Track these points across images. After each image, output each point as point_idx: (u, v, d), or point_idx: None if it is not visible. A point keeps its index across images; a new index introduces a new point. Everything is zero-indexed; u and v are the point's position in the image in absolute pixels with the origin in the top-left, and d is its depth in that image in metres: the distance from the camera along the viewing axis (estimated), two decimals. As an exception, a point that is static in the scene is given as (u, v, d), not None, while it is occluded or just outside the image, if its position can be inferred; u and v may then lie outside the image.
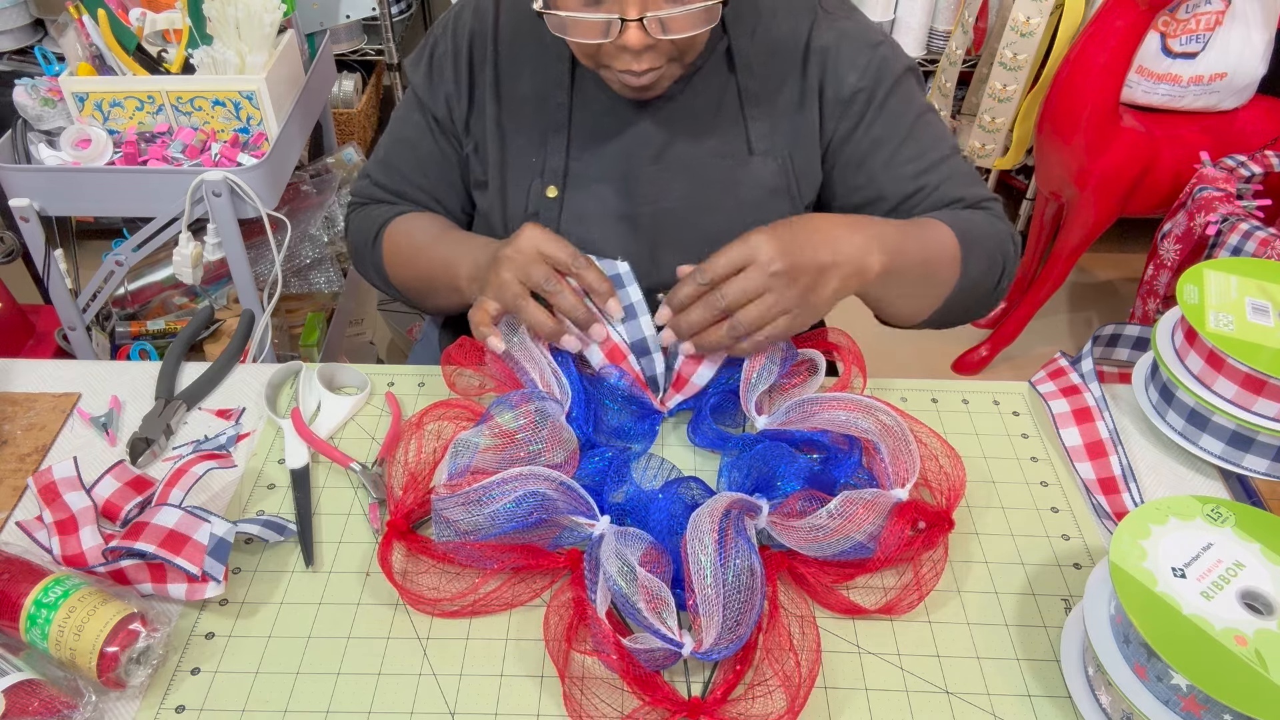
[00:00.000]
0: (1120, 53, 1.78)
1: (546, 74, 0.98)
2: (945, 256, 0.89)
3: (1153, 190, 1.95)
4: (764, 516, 0.74)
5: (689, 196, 0.97)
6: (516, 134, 0.99)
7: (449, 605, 0.73)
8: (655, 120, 0.97)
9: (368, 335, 1.97)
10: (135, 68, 1.42)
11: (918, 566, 0.75)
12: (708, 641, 0.66)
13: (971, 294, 0.93)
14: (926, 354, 2.32)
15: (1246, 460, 0.84)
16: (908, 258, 0.85)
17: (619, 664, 0.65)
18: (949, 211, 0.95)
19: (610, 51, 0.85)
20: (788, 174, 0.98)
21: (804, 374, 0.91)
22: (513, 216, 0.99)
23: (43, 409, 0.91)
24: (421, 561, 0.77)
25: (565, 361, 0.85)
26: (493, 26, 1.00)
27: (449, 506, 0.72)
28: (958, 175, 0.98)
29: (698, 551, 0.68)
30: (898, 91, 0.97)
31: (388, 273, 1.03)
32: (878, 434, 0.79)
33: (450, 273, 0.94)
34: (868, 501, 0.73)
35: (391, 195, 1.06)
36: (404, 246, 1.00)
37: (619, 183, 0.98)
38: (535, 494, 0.72)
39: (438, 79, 1.01)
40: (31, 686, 0.63)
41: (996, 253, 0.94)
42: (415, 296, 1.04)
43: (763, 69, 0.97)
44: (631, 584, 0.67)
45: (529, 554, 0.74)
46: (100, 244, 1.95)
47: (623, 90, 0.91)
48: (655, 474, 0.83)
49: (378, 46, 2.31)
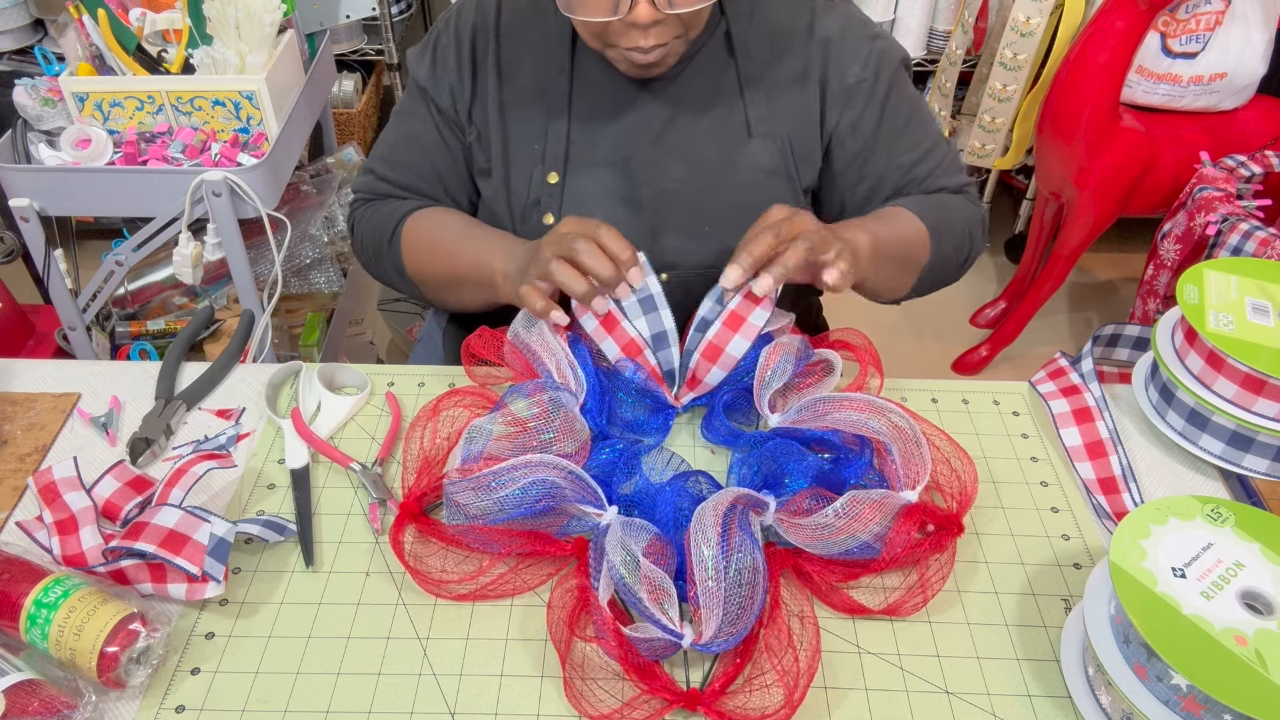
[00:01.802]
0: (1120, 53, 1.78)
1: (547, 62, 1.00)
2: (919, 241, 0.97)
3: (1153, 190, 1.95)
4: (770, 513, 0.75)
5: (688, 178, 0.99)
6: (518, 122, 1.00)
7: (456, 588, 0.74)
8: (654, 103, 0.99)
9: (368, 335, 1.97)
10: (135, 68, 1.42)
11: (924, 569, 0.75)
12: (707, 634, 0.66)
13: (941, 270, 1.03)
14: (926, 354, 2.32)
15: (1246, 460, 0.84)
16: (889, 246, 0.93)
17: (618, 651, 0.66)
18: (932, 198, 1.03)
19: (618, 29, 0.87)
20: (786, 156, 1.00)
21: (819, 374, 0.91)
22: (515, 203, 1.01)
23: (43, 409, 0.91)
24: (430, 545, 0.77)
25: (582, 354, 0.86)
26: (494, 18, 1.02)
27: (460, 490, 0.73)
28: (944, 164, 1.05)
29: (700, 544, 0.69)
30: (896, 84, 1.01)
31: (408, 270, 1.03)
32: (889, 435, 0.79)
33: (483, 269, 0.94)
34: (875, 502, 0.73)
35: (398, 189, 1.06)
36: (427, 243, 1.00)
37: (619, 165, 0.99)
38: (544, 481, 0.73)
39: (441, 70, 1.02)
40: (31, 686, 0.63)
41: (964, 235, 1.03)
42: (437, 292, 1.03)
43: (761, 52, 1.00)
44: (634, 574, 0.68)
45: (536, 540, 0.75)
46: (100, 244, 1.95)
47: (628, 69, 0.93)
48: (665, 467, 0.84)
49: (378, 46, 2.31)
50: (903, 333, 2.36)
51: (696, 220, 0.99)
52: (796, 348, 0.87)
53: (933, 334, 2.37)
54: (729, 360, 0.86)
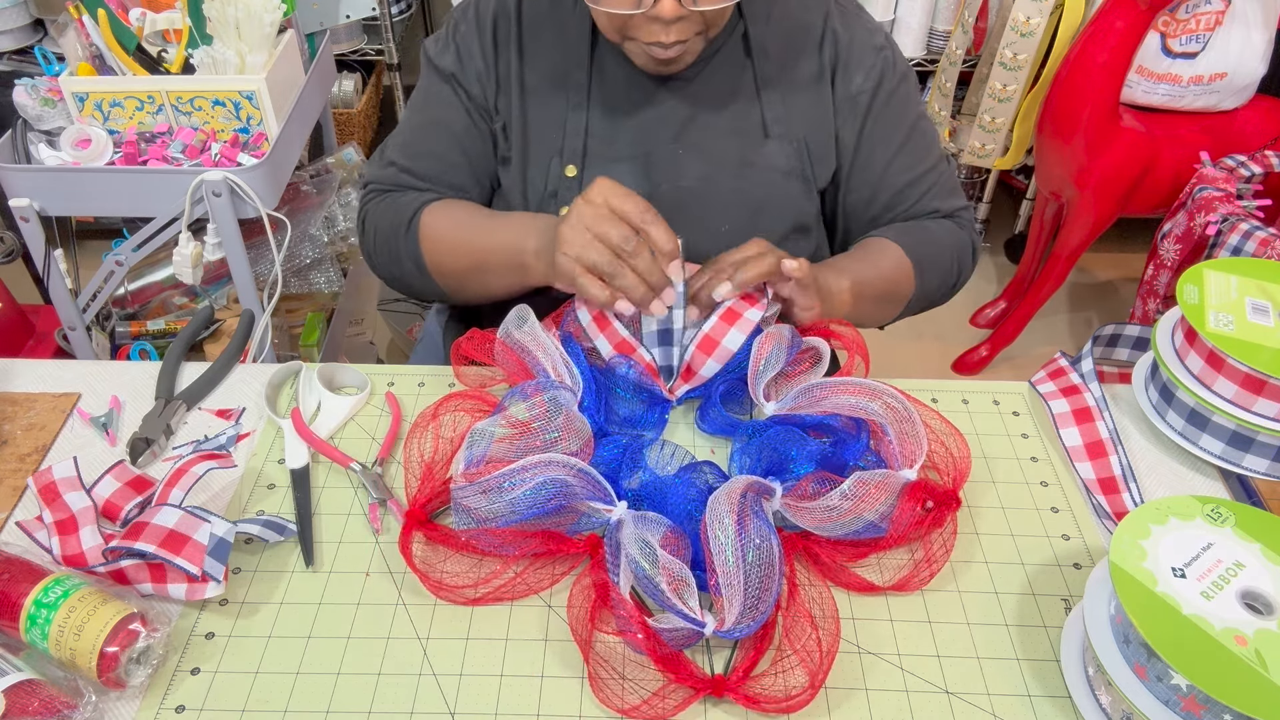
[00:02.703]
0: (1120, 53, 1.78)
1: (567, 54, 1.00)
2: (902, 278, 1.00)
3: (1153, 190, 1.95)
4: (778, 499, 0.76)
5: (706, 176, 0.99)
6: (537, 113, 1.01)
7: (470, 592, 0.74)
8: (673, 101, 0.99)
9: (368, 335, 1.97)
10: (135, 68, 1.42)
11: (928, 544, 0.77)
12: (729, 620, 0.67)
13: (926, 301, 1.05)
14: (926, 354, 2.32)
15: (1246, 460, 0.84)
16: (871, 286, 0.97)
17: (645, 643, 0.67)
18: (921, 227, 1.04)
19: (640, 23, 0.88)
20: (802, 157, 1.01)
21: (809, 362, 0.92)
22: (532, 194, 1.01)
23: (43, 409, 0.91)
24: (438, 551, 0.77)
25: (576, 352, 0.87)
26: (515, 7, 1.02)
27: (469, 495, 0.74)
28: (939, 187, 1.05)
29: (718, 532, 0.70)
30: (896, 97, 1.02)
31: (426, 260, 1.00)
32: (885, 416, 0.81)
33: (515, 249, 0.92)
34: (879, 482, 0.75)
35: (420, 180, 1.04)
36: (449, 231, 0.98)
37: (637, 162, 1.00)
38: (554, 480, 0.73)
39: (466, 57, 1.02)
40: (31, 686, 0.63)
41: (951, 265, 1.05)
42: (457, 281, 1.01)
43: (779, 54, 1.00)
44: (654, 565, 0.69)
45: (549, 539, 0.75)
46: (100, 244, 1.95)
47: (647, 64, 0.94)
48: (669, 460, 0.85)
49: (378, 46, 2.31)
50: (903, 333, 2.35)
51: (714, 219, 0.99)
52: (786, 337, 0.88)
53: (933, 334, 2.37)
54: (724, 353, 0.87)
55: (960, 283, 1.08)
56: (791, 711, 0.67)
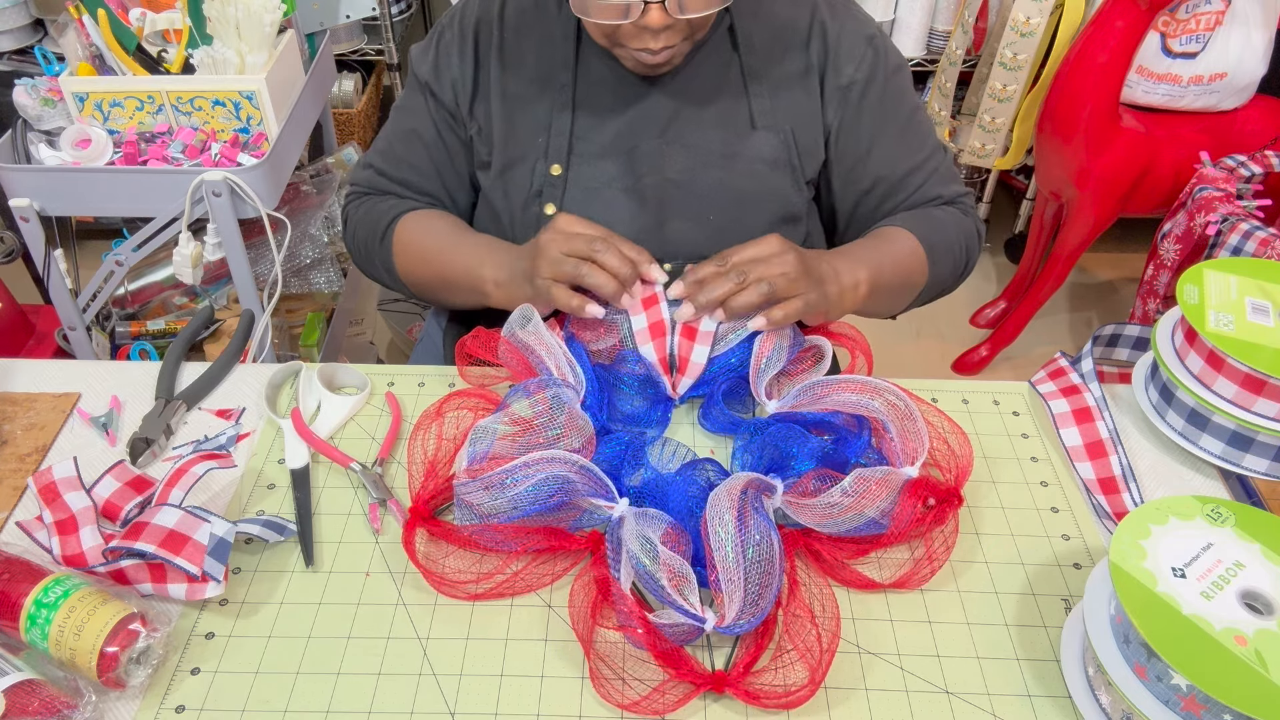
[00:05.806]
0: (1120, 53, 1.78)
1: (552, 56, 1.01)
2: (916, 266, 0.99)
3: (1153, 190, 1.94)
4: (779, 495, 0.76)
5: (692, 168, 1.00)
6: (522, 113, 1.01)
7: (472, 588, 0.74)
8: (659, 96, 1.00)
9: (368, 335, 1.97)
10: (135, 68, 1.42)
11: (929, 542, 0.77)
12: (730, 616, 0.68)
13: (938, 288, 1.05)
14: (926, 354, 2.32)
15: (1246, 460, 0.84)
16: (887, 276, 0.96)
17: (646, 638, 0.67)
18: (929, 215, 1.03)
19: (629, 31, 0.89)
20: (789, 148, 1.01)
21: (810, 360, 0.93)
22: (516, 195, 1.01)
23: (43, 409, 0.91)
24: (440, 547, 0.77)
25: (577, 351, 0.88)
26: (498, 10, 1.03)
27: (471, 491, 0.74)
28: (939, 174, 1.05)
29: (718, 528, 0.70)
30: (890, 87, 1.02)
31: (398, 270, 1.04)
32: (887, 413, 0.81)
33: (473, 276, 0.95)
34: (880, 479, 0.75)
35: (396, 184, 1.07)
36: (418, 246, 1.01)
37: (623, 157, 1.00)
38: (556, 477, 0.74)
39: (444, 65, 1.03)
40: (31, 686, 0.63)
41: (961, 251, 1.04)
42: (427, 293, 1.05)
43: (765, 47, 1.01)
44: (655, 561, 0.69)
45: (551, 536, 0.75)
46: (100, 244, 1.95)
47: (636, 67, 0.95)
48: (671, 457, 0.85)
49: (378, 46, 2.31)
50: (903, 333, 2.36)
51: (700, 209, 1.00)
52: (788, 335, 0.89)
53: (933, 334, 2.37)
54: (705, 336, 0.88)
55: (968, 269, 1.08)
56: (791, 708, 0.67)
